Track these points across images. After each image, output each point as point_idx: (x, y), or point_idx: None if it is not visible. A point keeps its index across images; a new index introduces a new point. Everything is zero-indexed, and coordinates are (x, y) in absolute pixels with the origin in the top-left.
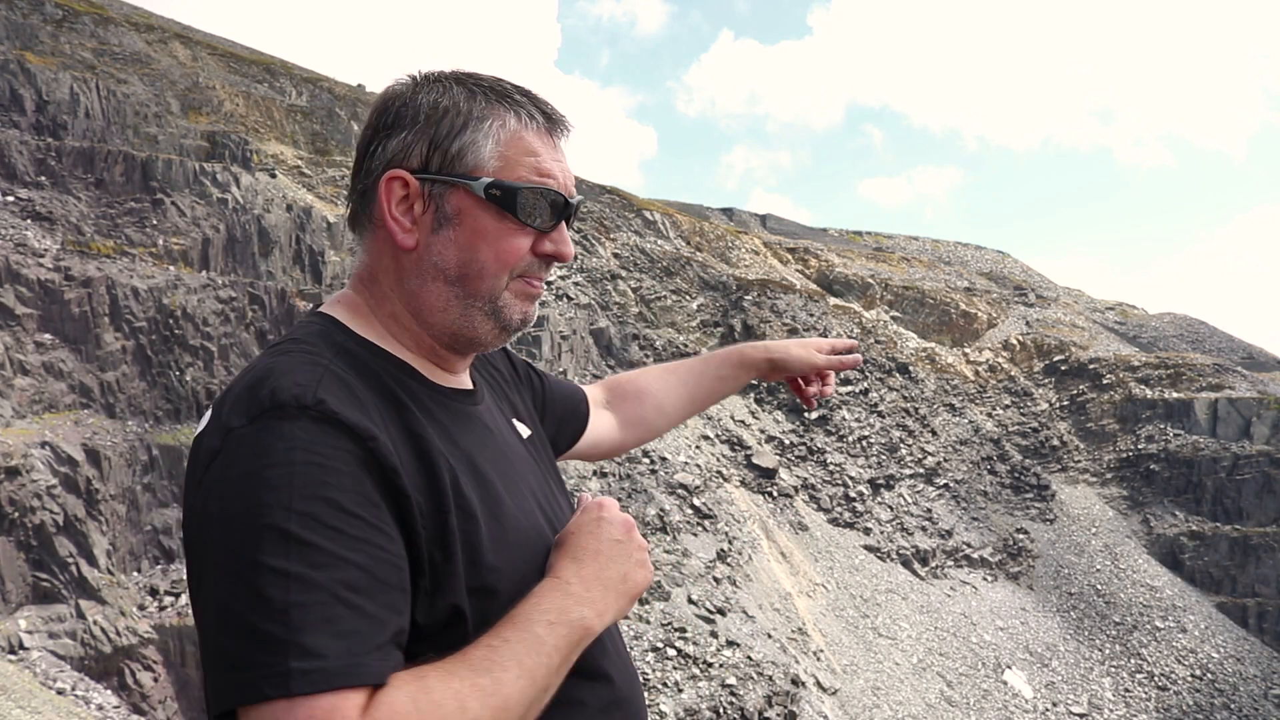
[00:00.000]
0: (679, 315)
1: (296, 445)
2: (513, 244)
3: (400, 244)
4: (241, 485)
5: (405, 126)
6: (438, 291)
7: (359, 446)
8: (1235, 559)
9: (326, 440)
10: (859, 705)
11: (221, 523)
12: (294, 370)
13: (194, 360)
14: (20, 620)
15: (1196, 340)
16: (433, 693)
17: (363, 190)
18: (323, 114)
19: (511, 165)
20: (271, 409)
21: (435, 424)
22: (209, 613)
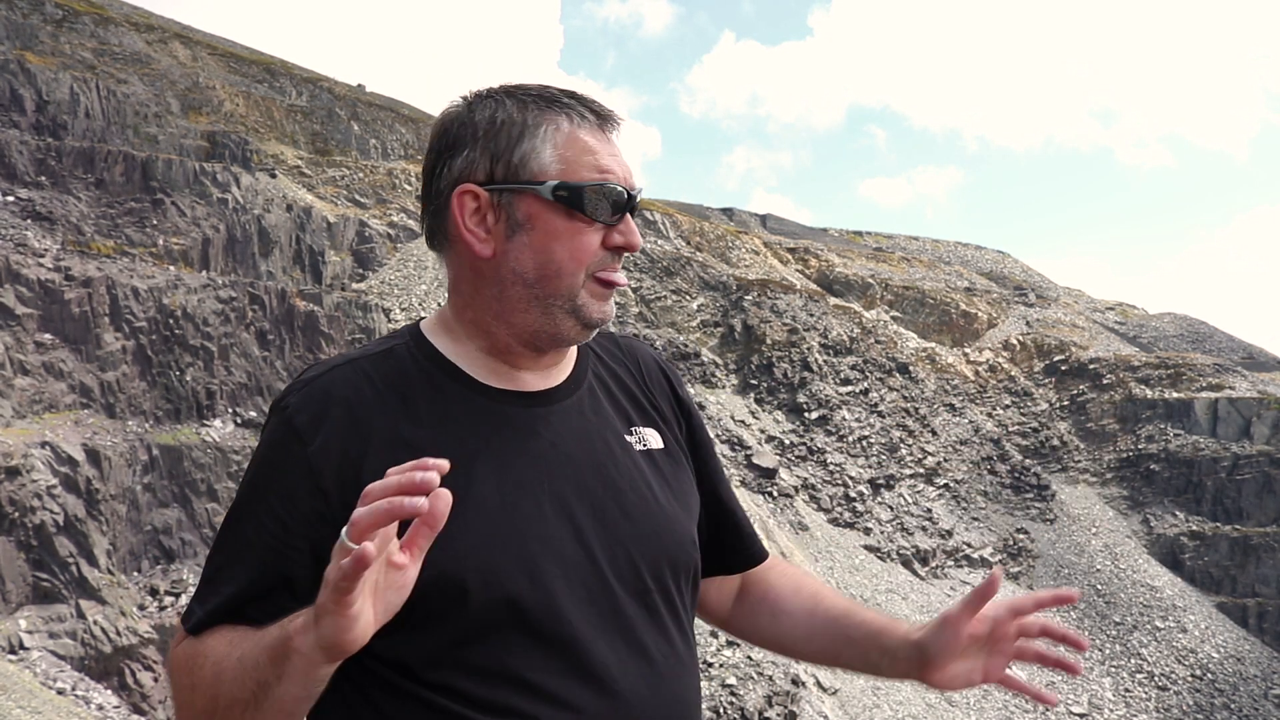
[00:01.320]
0: (679, 315)
1: (265, 440)
2: (584, 241)
3: (478, 254)
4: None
5: (467, 144)
6: (518, 294)
7: (301, 449)
8: (1235, 559)
9: (279, 439)
10: (859, 705)
11: None
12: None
13: (194, 360)
14: (20, 620)
15: (1196, 340)
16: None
17: (435, 210)
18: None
19: (573, 166)
20: (274, 405)
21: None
22: None
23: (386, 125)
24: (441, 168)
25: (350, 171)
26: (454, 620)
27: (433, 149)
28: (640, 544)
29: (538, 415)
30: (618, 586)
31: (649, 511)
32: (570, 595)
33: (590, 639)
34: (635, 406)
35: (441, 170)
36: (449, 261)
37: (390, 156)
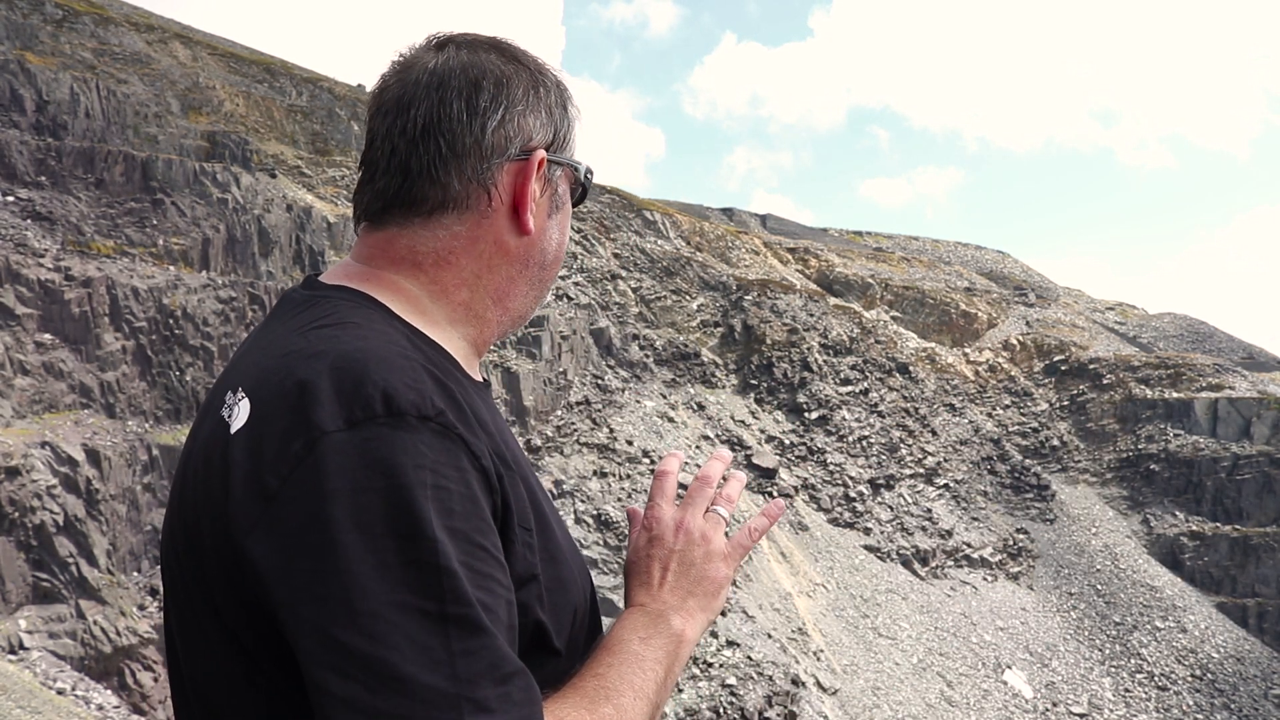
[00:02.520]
0: (679, 315)
1: (424, 464)
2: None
3: (526, 228)
4: (365, 510)
5: (534, 103)
6: (528, 277)
7: (475, 466)
8: (1235, 559)
9: (450, 460)
10: (859, 705)
11: (342, 553)
12: (390, 365)
13: (194, 360)
14: (20, 620)
15: (1196, 340)
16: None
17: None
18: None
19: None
20: (386, 416)
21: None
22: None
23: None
24: (503, 122)
25: (350, 171)
26: (571, 636)
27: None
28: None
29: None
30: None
31: None
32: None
33: None
34: None
35: (503, 125)
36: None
37: None
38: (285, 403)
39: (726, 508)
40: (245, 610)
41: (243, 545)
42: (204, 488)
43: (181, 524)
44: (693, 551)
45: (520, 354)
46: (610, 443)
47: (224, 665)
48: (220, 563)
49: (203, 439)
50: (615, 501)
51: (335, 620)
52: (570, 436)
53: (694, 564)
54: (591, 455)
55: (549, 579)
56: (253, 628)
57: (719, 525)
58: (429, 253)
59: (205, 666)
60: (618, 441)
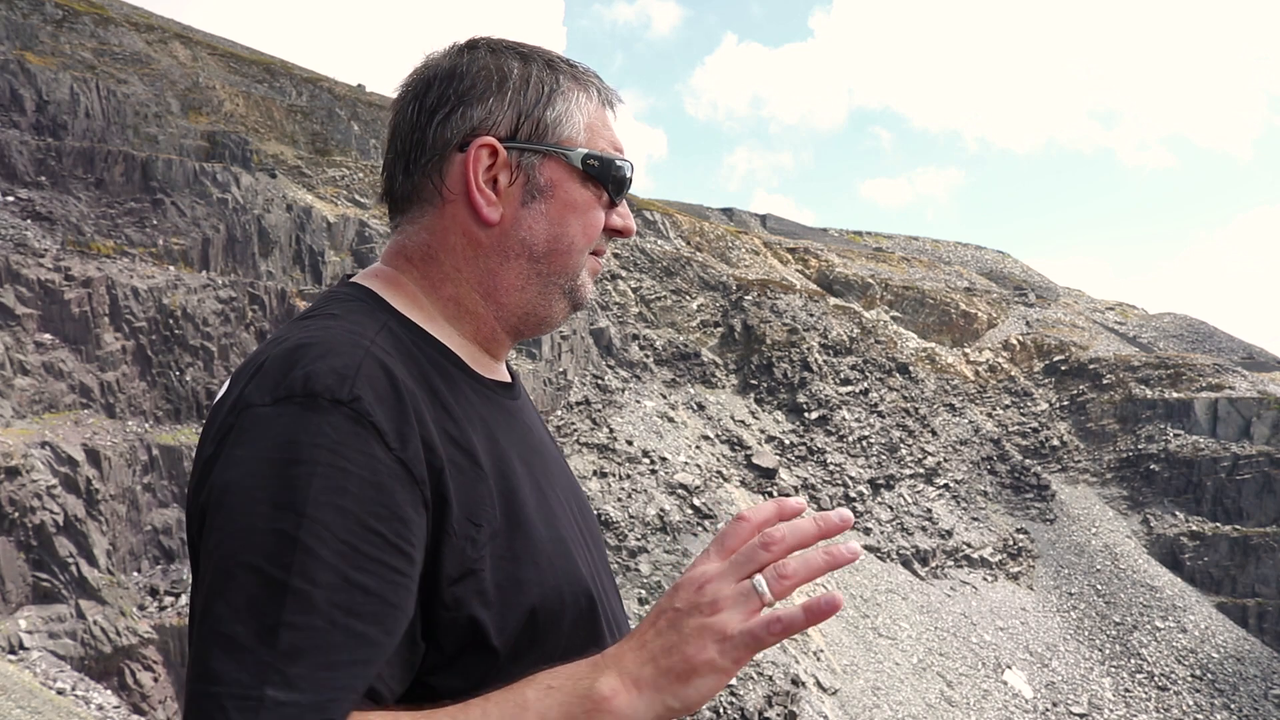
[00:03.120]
0: (679, 315)
1: (323, 444)
2: (596, 217)
3: (484, 218)
4: (254, 476)
5: (490, 94)
6: (518, 269)
7: (390, 454)
8: (1235, 559)
9: (356, 444)
10: (859, 705)
11: (226, 513)
12: (333, 351)
13: (194, 360)
14: (20, 620)
15: (1196, 340)
16: None
17: (429, 162)
18: (323, 114)
19: (594, 139)
20: (302, 396)
21: (477, 419)
22: (196, 608)
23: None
24: (449, 115)
25: (350, 171)
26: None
27: (432, 93)
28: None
29: (518, 409)
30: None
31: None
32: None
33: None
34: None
35: (449, 118)
36: (426, 225)
37: None
38: (242, 382)
39: (774, 590)
40: None
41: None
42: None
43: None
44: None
45: (520, 354)
46: (610, 443)
47: None
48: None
49: None
50: (615, 501)
51: (204, 574)
52: (570, 436)
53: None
54: (591, 455)
55: (502, 577)
56: None
57: (743, 601)
58: (415, 248)
59: None
60: (618, 441)
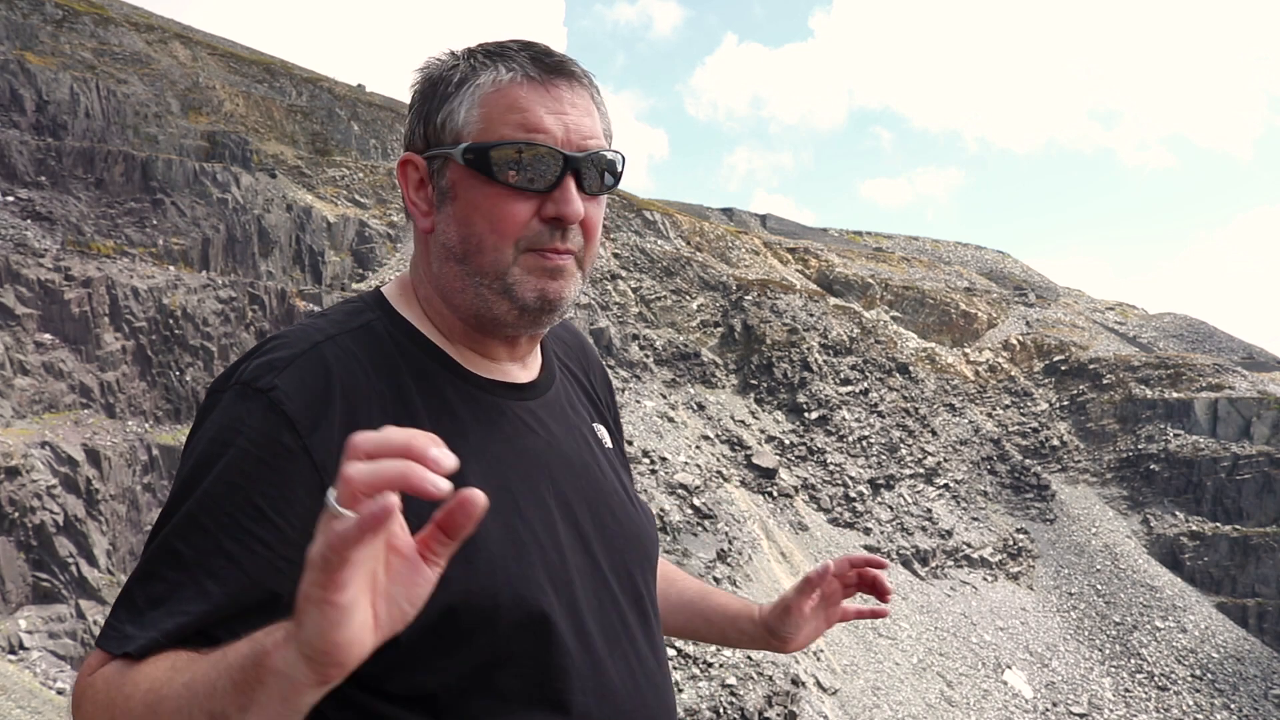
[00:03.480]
0: (679, 315)
1: (237, 427)
2: (507, 211)
3: (421, 228)
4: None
5: (412, 108)
6: (452, 271)
7: (297, 440)
8: (1235, 559)
9: (265, 428)
10: (859, 705)
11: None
12: (282, 345)
13: (194, 360)
14: (20, 620)
15: (1196, 340)
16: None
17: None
18: (323, 114)
19: (494, 125)
20: (236, 384)
21: (446, 416)
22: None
23: (386, 125)
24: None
25: (350, 171)
26: (483, 642)
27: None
28: (631, 549)
29: (529, 410)
30: (620, 595)
31: (629, 515)
32: (589, 607)
33: (606, 653)
34: (589, 401)
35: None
36: (413, 235)
37: (390, 156)
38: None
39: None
40: None
41: None
42: None
43: None
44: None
45: None
46: None
47: None
48: None
49: None
50: None
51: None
52: None
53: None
54: None
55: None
56: None
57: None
58: (412, 257)
59: None
60: None
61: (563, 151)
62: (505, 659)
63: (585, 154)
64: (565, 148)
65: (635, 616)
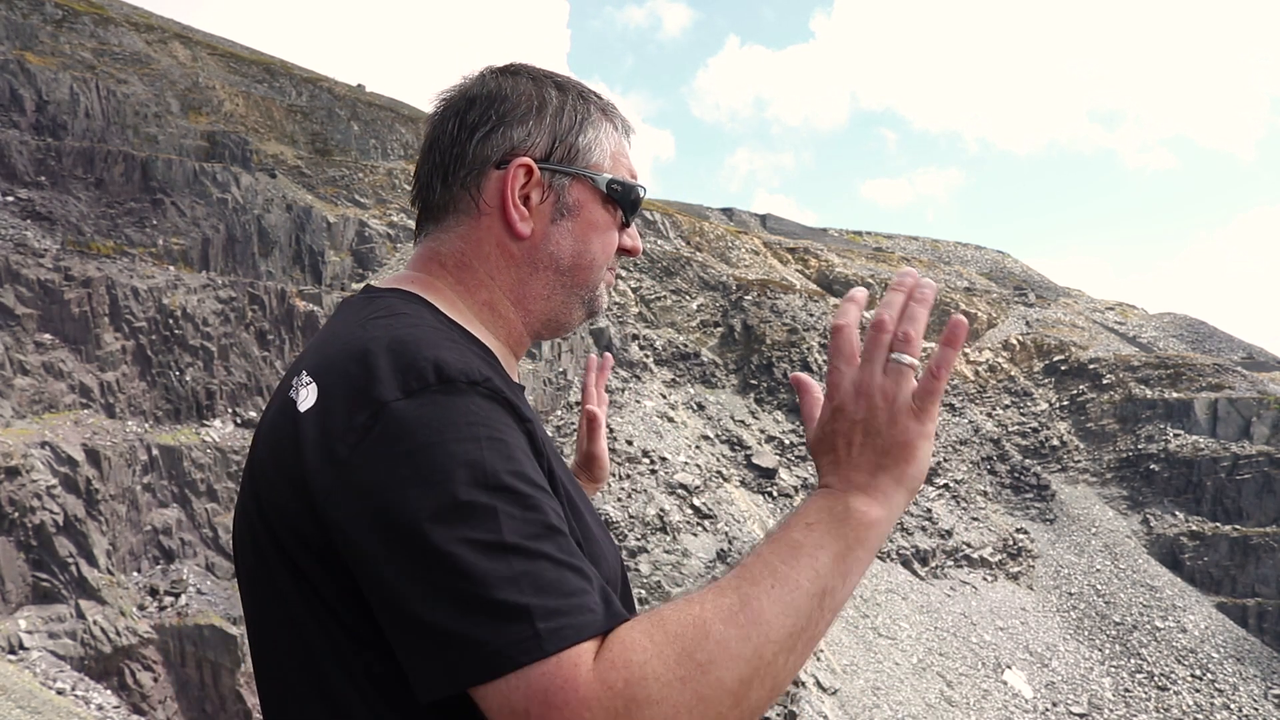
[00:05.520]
0: (679, 315)
1: (477, 420)
2: (613, 238)
3: (517, 232)
4: (424, 461)
5: (530, 117)
6: (545, 280)
7: (523, 425)
8: (1235, 559)
9: (501, 416)
10: (859, 705)
11: (401, 502)
12: (437, 344)
13: (194, 360)
14: (20, 620)
15: (1196, 340)
16: (667, 623)
17: (467, 177)
18: (323, 114)
19: (616, 165)
20: (438, 384)
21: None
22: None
23: (386, 125)
24: (489, 134)
25: (350, 171)
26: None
27: (474, 111)
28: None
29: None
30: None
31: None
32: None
33: None
34: None
35: (488, 137)
36: (462, 234)
37: (390, 156)
38: (349, 382)
39: (909, 352)
40: (330, 576)
41: (323, 511)
42: (277, 467)
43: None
44: (877, 417)
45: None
46: (610, 443)
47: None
48: (300, 533)
49: (270, 424)
50: (615, 501)
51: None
52: (570, 436)
53: (880, 431)
54: None
55: (588, 551)
56: (336, 583)
57: (902, 376)
58: (449, 255)
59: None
60: (617, 441)
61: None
62: None
63: None
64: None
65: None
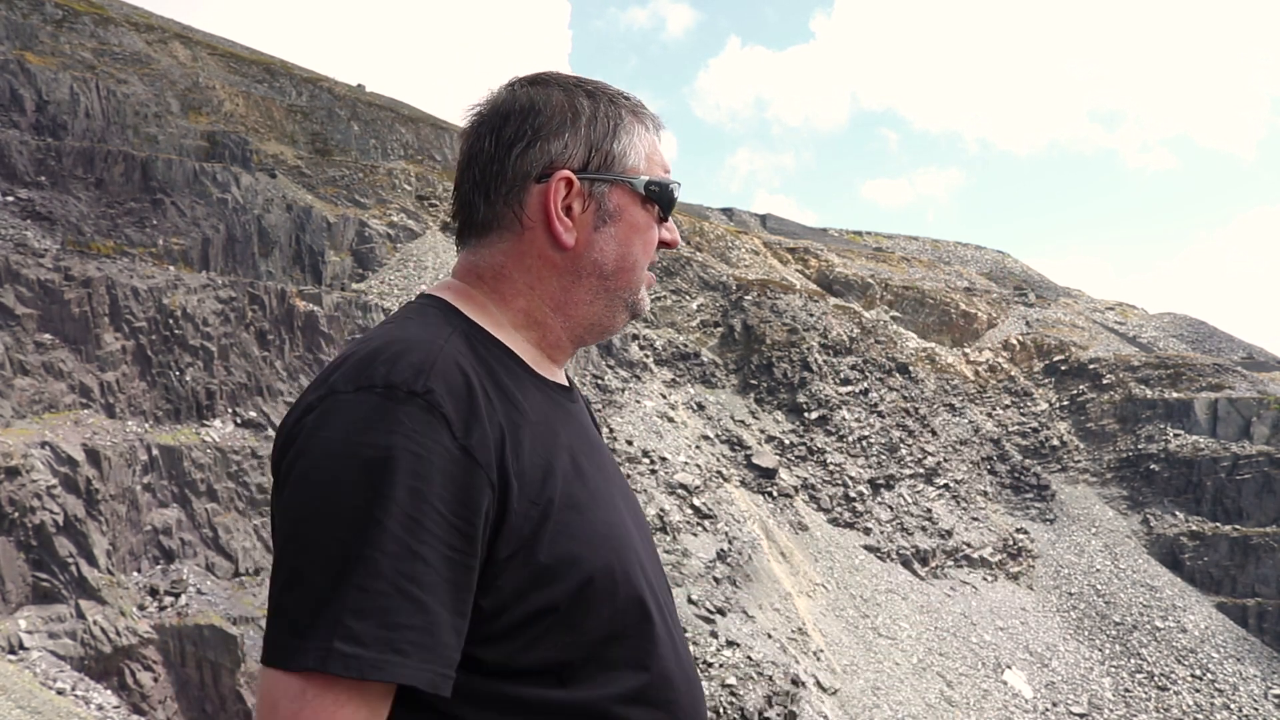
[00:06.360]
0: (679, 315)
1: (399, 430)
2: (654, 236)
3: (562, 243)
4: (336, 453)
5: (566, 130)
6: (589, 286)
7: (455, 443)
8: (1235, 559)
9: (429, 432)
10: (859, 705)
11: (309, 485)
12: (412, 349)
13: (194, 360)
14: (20, 620)
15: (1196, 340)
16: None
17: (509, 193)
18: (323, 114)
19: (650, 165)
20: (382, 386)
21: (539, 413)
22: (283, 567)
23: (386, 125)
24: (526, 149)
25: (350, 171)
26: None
27: (509, 127)
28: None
29: (577, 411)
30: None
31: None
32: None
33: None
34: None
35: (526, 151)
36: (502, 248)
37: (390, 156)
38: (326, 372)
39: None
40: None
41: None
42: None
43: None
44: None
45: None
46: (610, 443)
47: None
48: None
49: None
50: None
51: (284, 533)
52: None
53: None
54: None
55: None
56: None
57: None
58: (487, 268)
59: None
60: (618, 441)
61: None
62: (620, 631)
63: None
64: None
65: (673, 606)
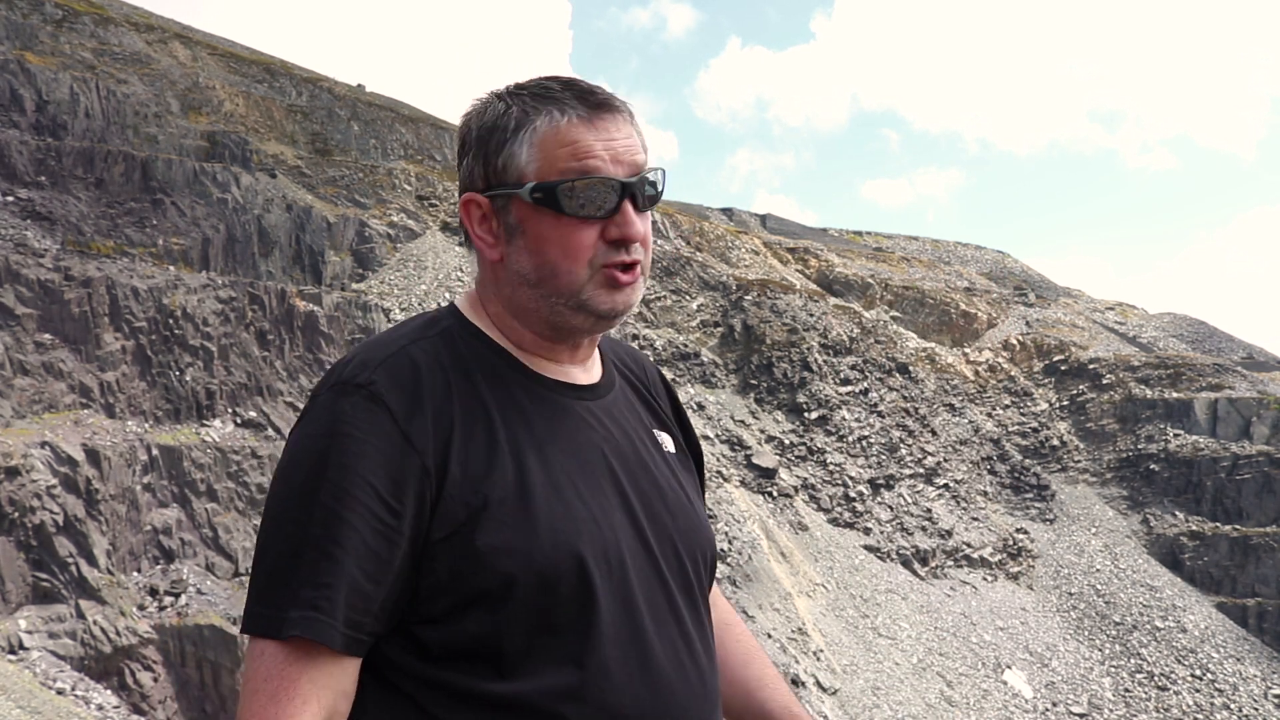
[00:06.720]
0: (679, 315)
1: (343, 419)
2: (578, 239)
3: (490, 258)
4: (300, 445)
5: (468, 151)
6: (525, 294)
7: (397, 429)
8: (1235, 559)
9: (369, 419)
10: (859, 705)
11: (278, 475)
12: (372, 347)
13: (194, 360)
14: (20, 620)
15: (1196, 340)
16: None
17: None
18: (323, 114)
19: (550, 162)
20: (337, 384)
21: (513, 409)
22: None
23: (386, 125)
24: (460, 171)
25: (350, 171)
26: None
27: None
28: (683, 539)
29: (589, 408)
30: (671, 580)
31: (684, 509)
32: (640, 588)
33: (655, 631)
34: (649, 410)
35: (461, 173)
36: (477, 259)
37: (390, 156)
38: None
39: None
40: None
41: None
42: None
43: None
44: None
45: None
46: None
47: None
48: None
49: None
50: None
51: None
52: None
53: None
54: None
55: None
56: None
57: None
58: (478, 274)
59: None
60: None
61: (618, 179)
62: (557, 626)
63: (637, 177)
64: (619, 175)
65: (685, 603)
